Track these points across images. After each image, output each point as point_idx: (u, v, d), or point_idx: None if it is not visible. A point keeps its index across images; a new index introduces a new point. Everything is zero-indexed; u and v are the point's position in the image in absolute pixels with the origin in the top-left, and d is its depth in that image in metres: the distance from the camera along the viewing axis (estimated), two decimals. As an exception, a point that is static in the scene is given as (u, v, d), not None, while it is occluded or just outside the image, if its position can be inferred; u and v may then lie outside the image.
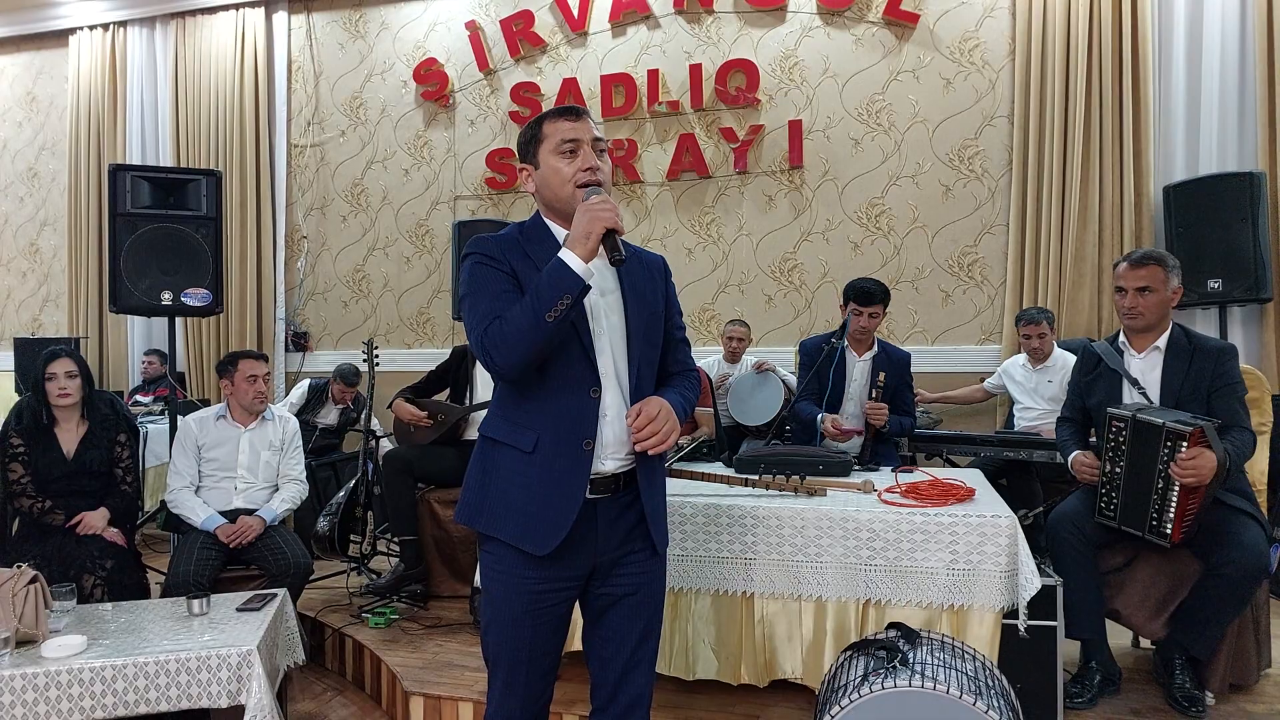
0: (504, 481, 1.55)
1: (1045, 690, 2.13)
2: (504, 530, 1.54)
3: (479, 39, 5.34)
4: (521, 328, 1.43)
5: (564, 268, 1.43)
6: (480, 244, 1.57)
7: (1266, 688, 2.38)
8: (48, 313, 6.34)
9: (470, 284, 1.54)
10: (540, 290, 1.43)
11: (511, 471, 1.54)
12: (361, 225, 5.69)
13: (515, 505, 1.53)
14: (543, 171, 1.57)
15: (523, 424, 1.54)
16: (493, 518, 1.55)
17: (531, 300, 1.43)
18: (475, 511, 1.58)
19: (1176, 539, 2.20)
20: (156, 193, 3.70)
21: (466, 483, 1.62)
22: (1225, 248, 3.79)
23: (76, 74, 6.06)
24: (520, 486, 1.53)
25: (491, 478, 1.57)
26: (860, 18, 4.73)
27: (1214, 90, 4.14)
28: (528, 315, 1.43)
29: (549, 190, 1.57)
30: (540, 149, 1.57)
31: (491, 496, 1.56)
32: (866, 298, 3.13)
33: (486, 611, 1.59)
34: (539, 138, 1.57)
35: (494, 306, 1.49)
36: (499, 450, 1.57)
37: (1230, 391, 2.33)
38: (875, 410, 3.08)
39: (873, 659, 1.74)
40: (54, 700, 1.94)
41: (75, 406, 2.83)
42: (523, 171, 1.62)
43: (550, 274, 1.44)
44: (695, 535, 2.29)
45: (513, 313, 1.45)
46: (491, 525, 1.55)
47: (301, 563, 2.81)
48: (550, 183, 1.56)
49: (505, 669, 1.57)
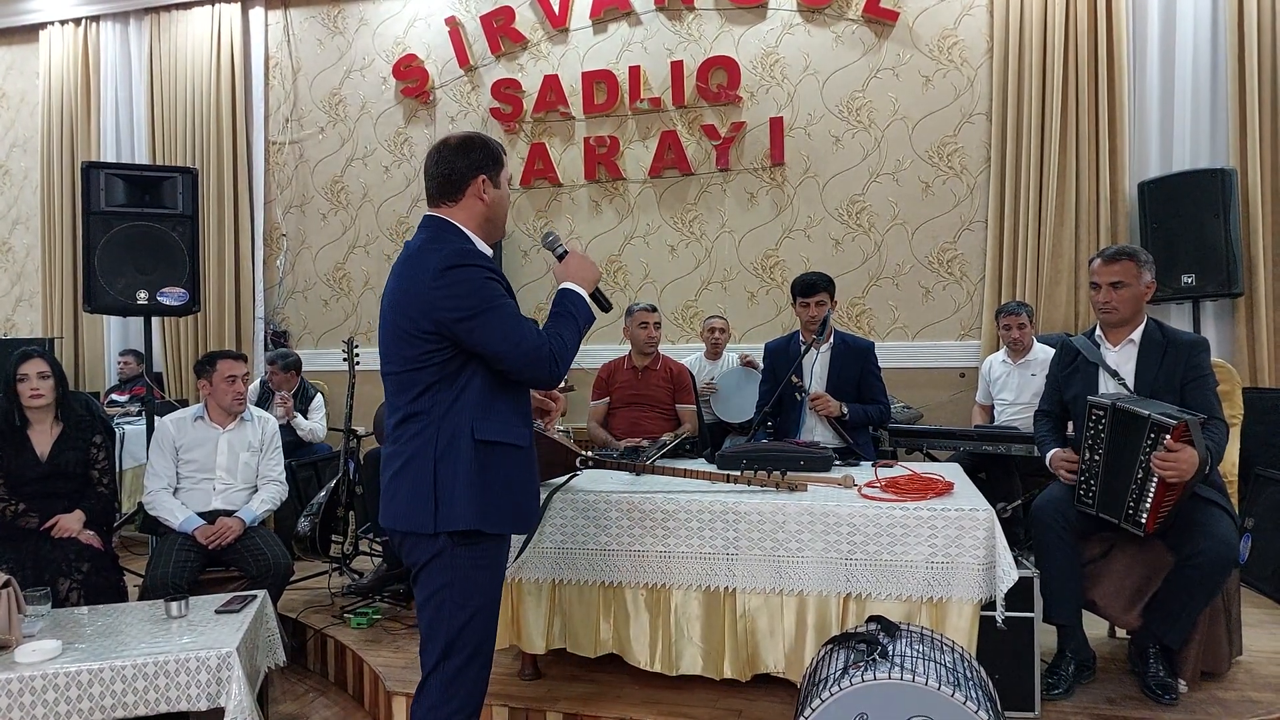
0: (507, 477, 1.70)
1: (1023, 680, 2.17)
2: (509, 524, 1.72)
3: (459, 35, 5.31)
4: (573, 347, 1.74)
5: (586, 303, 1.81)
6: (475, 256, 1.70)
7: (1238, 675, 2.42)
8: (21, 313, 6.23)
9: (487, 296, 1.66)
10: (581, 318, 1.79)
11: (513, 467, 1.71)
12: (342, 223, 5.64)
13: (518, 496, 1.72)
14: (501, 194, 1.78)
15: (521, 423, 1.74)
16: (501, 515, 1.69)
17: (577, 323, 1.77)
18: (481, 515, 1.67)
19: (1151, 529, 2.24)
20: (131, 190, 3.65)
21: (458, 489, 1.64)
22: (1198, 243, 3.85)
23: (48, 69, 5.96)
24: (522, 478, 1.73)
25: (493, 478, 1.68)
26: (840, 15, 4.75)
27: (1187, 88, 4.21)
28: (576, 336, 1.76)
29: (499, 209, 1.78)
30: (501, 174, 1.78)
31: (495, 496, 1.68)
32: (809, 289, 3.21)
33: (473, 602, 1.68)
34: (503, 165, 1.79)
35: (529, 320, 1.72)
36: (497, 451, 1.68)
37: (1203, 384, 2.37)
38: (817, 401, 3.12)
39: (853, 652, 1.75)
40: (28, 706, 1.91)
41: (49, 408, 2.79)
42: (483, 182, 1.74)
43: (583, 306, 1.81)
44: (678, 531, 2.29)
45: (567, 333, 1.74)
46: (499, 524, 1.69)
47: (282, 564, 2.79)
48: (502, 206, 1.79)
49: (485, 650, 1.72)
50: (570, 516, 2.37)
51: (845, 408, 3.16)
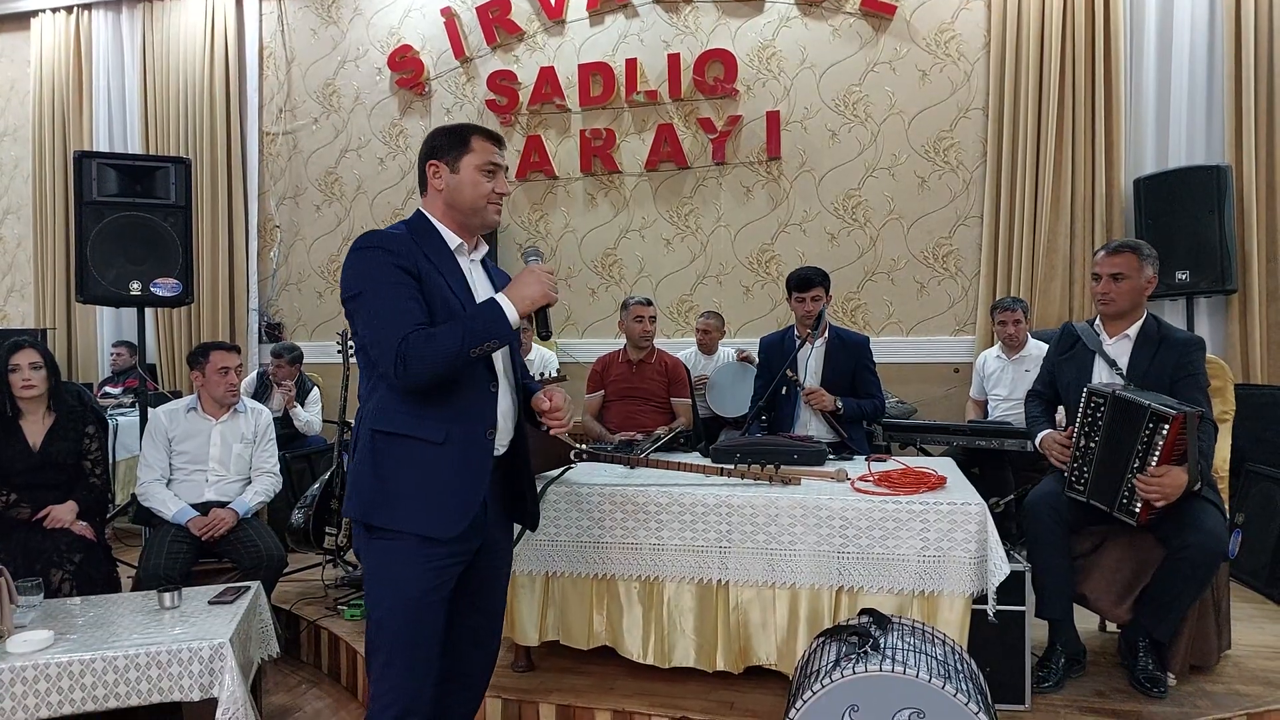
0: (408, 472, 1.61)
1: (1013, 673, 2.18)
2: (406, 521, 1.60)
3: (455, 26, 5.28)
4: (446, 352, 1.54)
5: (502, 316, 1.59)
6: (379, 238, 1.64)
7: (1226, 669, 2.44)
8: (13, 303, 6.19)
9: (371, 279, 1.59)
10: (474, 328, 1.56)
11: (417, 462, 1.61)
12: (336, 215, 5.62)
13: (423, 493, 1.61)
14: (460, 178, 1.69)
15: (432, 417, 1.62)
16: (393, 510, 1.61)
17: (463, 332, 1.55)
18: (372, 505, 1.62)
19: (1144, 520, 2.24)
20: (124, 180, 3.63)
21: (357, 478, 1.65)
22: (1193, 239, 3.86)
23: (39, 58, 5.91)
24: (430, 475, 1.61)
25: (389, 470, 1.62)
26: (838, 8, 4.73)
27: (1183, 85, 4.22)
28: (455, 344, 1.54)
29: (460, 194, 1.70)
30: (464, 158, 1.69)
31: (390, 489, 1.61)
32: (804, 284, 3.20)
33: (385, 602, 1.62)
34: (467, 148, 1.70)
35: (408, 310, 1.57)
36: (399, 442, 1.62)
37: (1193, 381, 2.38)
38: (811, 396, 3.12)
39: (844, 645, 1.76)
40: (20, 696, 1.91)
41: (41, 398, 2.77)
42: (433, 168, 1.71)
43: (487, 316, 1.58)
44: (671, 524, 2.30)
45: (441, 335, 1.55)
46: (392, 518, 1.61)
47: (275, 555, 2.79)
48: (465, 191, 1.69)
49: (408, 653, 1.60)
50: (564, 509, 2.37)
51: (840, 402, 3.17)
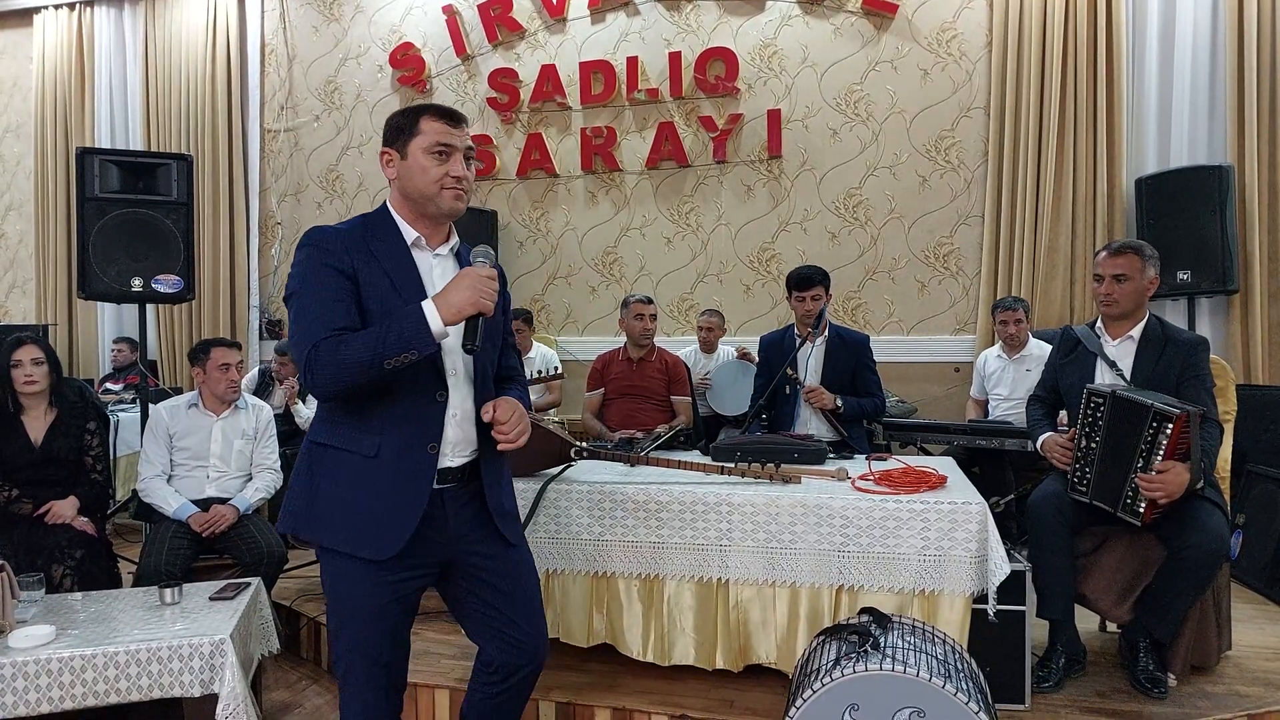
0: (338, 488, 1.52)
1: (1014, 673, 2.18)
2: (337, 539, 1.51)
3: (456, 24, 5.28)
4: (355, 362, 1.40)
5: (423, 325, 1.41)
6: (318, 235, 1.53)
7: (1226, 669, 2.44)
8: (14, 299, 6.20)
9: (303, 280, 1.50)
10: (389, 338, 1.40)
11: (348, 477, 1.51)
12: (337, 212, 5.62)
13: (353, 511, 1.50)
14: (409, 164, 1.55)
15: (364, 429, 1.51)
16: (324, 526, 1.53)
17: (376, 342, 1.40)
18: (303, 521, 1.55)
19: (1149, 519, 2.23)
20: (126, 177, 3.63)
21: (291, 490, 1.58)
22: (1194, 240, 3.86)
23: (41, 54, 5.92)
24: (360, 492, 1.50)
25: (322, 484, 1.53)
26: (839, 7, 4.73)
27: (1185, 85, 4.21)
28: (366, 354, 1.40)
29: (410, 182, 1.56)
30: (411, 142, 1.55)
31: (322, 504, 1.53)
32: (805, 283, 3.20)
33: (337, 613, 1.56)
34: (414, 131, 1.55)
35: (329, 315, 1.45)
36: (331, 455, 1.54)
37: (1199, 383, 2.37)
38: (811, 394, 3.12)
39: (845, 644, 1.76)
40: (21, 691, 1.91)
41: (42, 394, 2.78)
42: (385, 156, 1.60)
43: (406, 326, 1.41)
44: (671, 523, 2.30)
45: (353, 343, 1.41)
46: (323, 534, 1.53)
47: (275, 551, 2.79)
48: (414, 177, 1.55)
49: (365, 669, 1.54)
50: (564, 507, 2.37)
51: (840, 401, 3.17)
